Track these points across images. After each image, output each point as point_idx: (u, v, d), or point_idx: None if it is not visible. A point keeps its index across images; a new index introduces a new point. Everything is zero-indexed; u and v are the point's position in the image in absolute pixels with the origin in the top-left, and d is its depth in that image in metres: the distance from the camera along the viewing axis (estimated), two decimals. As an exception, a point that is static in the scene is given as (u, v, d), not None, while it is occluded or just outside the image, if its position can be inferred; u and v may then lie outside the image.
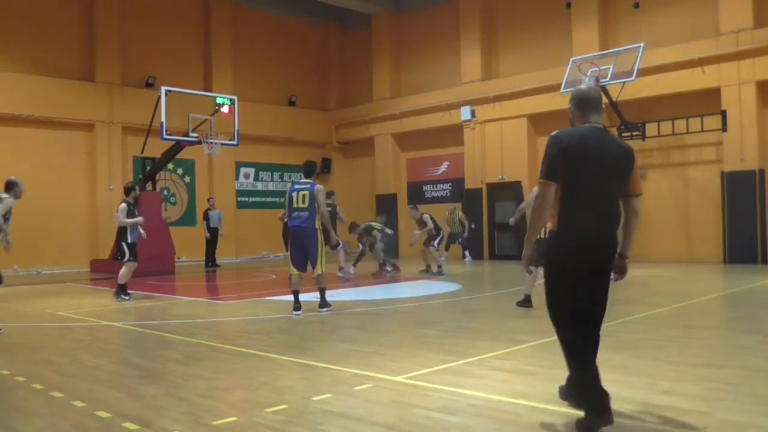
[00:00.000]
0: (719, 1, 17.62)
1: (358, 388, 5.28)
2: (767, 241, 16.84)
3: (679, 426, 4.16)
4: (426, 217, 16.73)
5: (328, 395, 5.05)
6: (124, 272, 12.32)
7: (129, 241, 12.40)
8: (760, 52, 16.78)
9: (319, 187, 9.78)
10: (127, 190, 13.07)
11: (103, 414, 4.71)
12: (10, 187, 9.58)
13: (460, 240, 20.67)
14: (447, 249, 20.63)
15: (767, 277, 13.79)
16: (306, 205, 9.66)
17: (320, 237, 9.71)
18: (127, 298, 12.18)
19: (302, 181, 9.93)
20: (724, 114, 17.24)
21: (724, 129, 17.23)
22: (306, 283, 10.54)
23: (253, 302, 11.65)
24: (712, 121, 17.46)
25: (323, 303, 9.93)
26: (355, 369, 5.90)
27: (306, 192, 9.70)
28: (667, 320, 8.64)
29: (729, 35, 17.23)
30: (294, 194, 9.75)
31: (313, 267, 9.83)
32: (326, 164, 27.22)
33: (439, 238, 16.92)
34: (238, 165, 24.86)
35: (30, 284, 16.06)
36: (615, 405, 4.59)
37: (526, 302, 9.79)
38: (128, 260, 12.33)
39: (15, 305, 11.82)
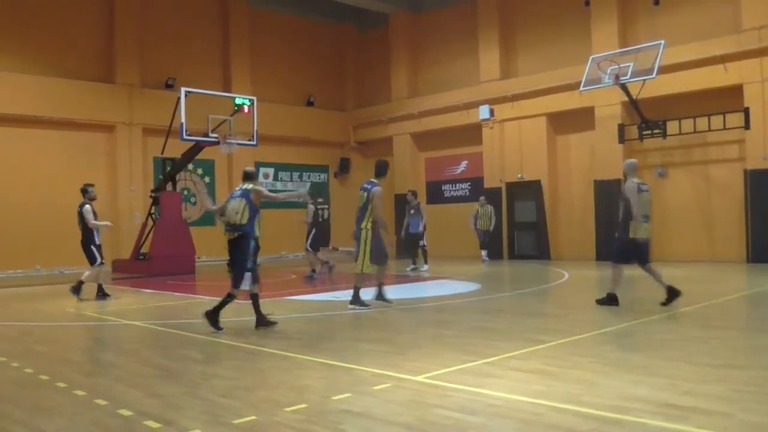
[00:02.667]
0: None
1: (377, 387, 5.28)
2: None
3: (700, 427, 4.11)
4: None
5: (348, 395, 5.06)
6: (91, 275, 12.27)
7: (97, 243, 12.38)
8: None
9: (376, 189, 9.97)
10: (83, 192, 12.76)
11: (125, 412, 4.75)
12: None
13: (487, 238, 20.27)
14: (483, 247, 20.36)
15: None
16: (362, 204, 10.01)
17: (366, 237, 9.92)
18: (110, 297, 12.22)
19: (368, 181, 10.23)
20: (746, 111, 17.01)
21: (746, 126, 17.01)
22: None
23: (273, 302, 11.67)
24: (735, 119, 17.24)
25: (354, 299, 10.06)
26: (375, 368, 5.90)
27: (365, 193, 10.03)
28: (688, 320, 8.56)
29: (751, 31, 17.00)
30: (360, 194, 10.15)
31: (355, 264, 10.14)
32: (344, 164, 27.27)
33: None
34: (258, 165, 24.94)
35: (53, 284, 16.24)
36: (636, 405, 4.57)
37: (610, 300, 9.68)
38: (100, 263, 12.36)
39: (38, 305, 11.95)
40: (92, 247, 12.33)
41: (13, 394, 5.46)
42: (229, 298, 8.38)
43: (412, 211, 17.72)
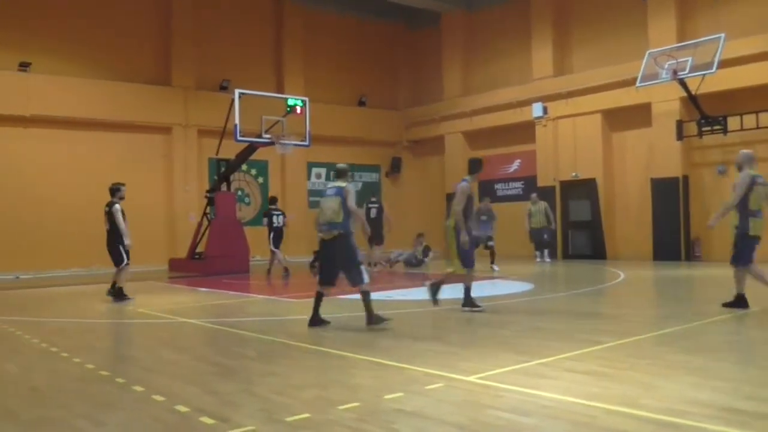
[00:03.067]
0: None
1: (429, 387, 5.26)
2: None
3: (764, 432, 3.99)
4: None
5: (400, 394, 5.06)
6: (122, 277, 12.14)
7: (126, 242, 12.14)
8: None
9: (460, 184, 9.79)
10: (113, 191, 12.31)
11: (182, 408, 4.84)
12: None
13: (546, 236, 19.99)
14: (537, 248, 20.07)
15: None
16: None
17: (449, 235, 9.73)
18: (131, 299, 12.06)
19: (463, 178, 10.03)
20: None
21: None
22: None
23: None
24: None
25: (466, 301, 9.76)
26: (427, 368, 5.89)
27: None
28: (752, 322, 8.31)
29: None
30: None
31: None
32: (396, 163, 27.30)
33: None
34: (310, 165, 25.18)
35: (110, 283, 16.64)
36: (695, 409, 4.45)
37: (740, 303, 9.02)
38: (126, 264, 12.20)
39: (98, 303, 12.28)
40: (120, 247, 12.17)
41: (75, 389, 5.63)
42: (365, 296, 8.35)
43: (484, 218, 17.60)
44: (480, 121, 24.27)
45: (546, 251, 20.22)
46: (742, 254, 9.03)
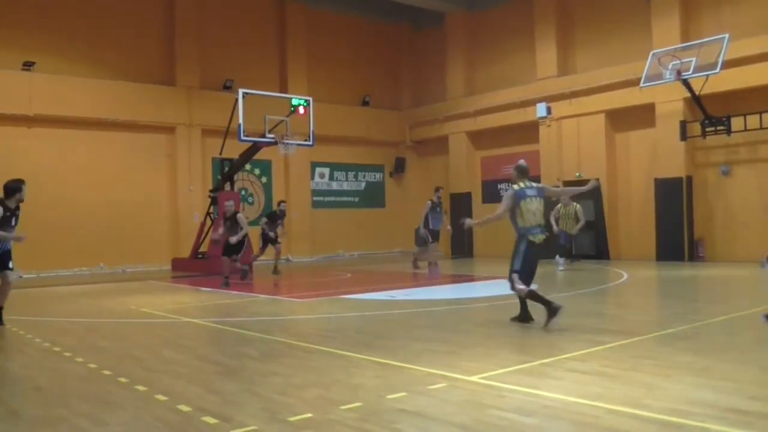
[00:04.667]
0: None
1: (432, 387, 5.26)
2: None
3: (767, 433, 3.98)
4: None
5: (403, 394, 5.06)
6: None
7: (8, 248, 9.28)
8: None
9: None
10: (9, 190, 8.96)
11: (184, 408, 4.85)
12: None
13: (563, 240, 17.38)
14: (562, 253, 17.45)
15: None
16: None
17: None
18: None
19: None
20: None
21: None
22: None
23: (329, 300, 11.77)
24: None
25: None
26: (430, 368, 5.88)
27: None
28: (753, 322, 8.28)
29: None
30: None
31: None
32: (400, 164, 27.29)
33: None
34: (314, 165, 25.19)
35: (116, 282, 16.70)
36: (698, 409, 4.44)
37: None
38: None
39: (102, 302, 12.30)
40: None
41: (78, 388, 5.63)
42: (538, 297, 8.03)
43: (438, 209, 17.57)
44: (484, 121, 24.25)
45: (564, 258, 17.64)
46: None
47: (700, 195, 18.73)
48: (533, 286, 8.46)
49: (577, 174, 21.27)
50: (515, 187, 8.49)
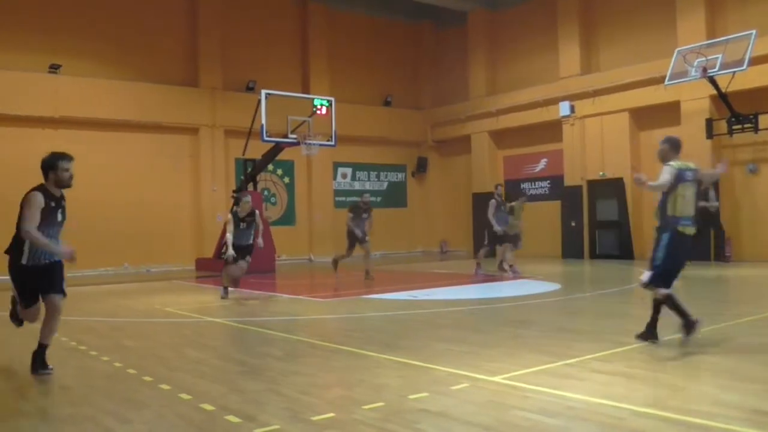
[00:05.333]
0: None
1: (455, 387, 5.25)
2: None
3: (796, 435, 3.91)
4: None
5: (425, 394, 5.05)
6: None
7: None
8: None
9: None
10: (46, 168, 6.53)
11: (208, 407, 4.88)
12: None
13: None
14: None
15: None
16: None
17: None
18: None
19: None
20: None
21: None
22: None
23: (351, 300, 11.79)
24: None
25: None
26: (452, 368, 5.87)
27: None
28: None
29: None
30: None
31: None
32: (422, 163, 27.27)
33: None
34: (336, 165, 25.25)
35: (140, 281, 16.86)
36: (723, 411, 4.38)
37: None
38: None
39: (126, 301, 12.43)
40: None
41: (103, 387, 5.69)
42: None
43: (365, 215, 16.24)
44: (506, 121, 24.14)
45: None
46: None
47: (727, 193, 18.49)
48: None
49: (601, 173, 21.12)
50: (673, 164, 6.94)
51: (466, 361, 6.20)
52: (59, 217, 6.28)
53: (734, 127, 17.62)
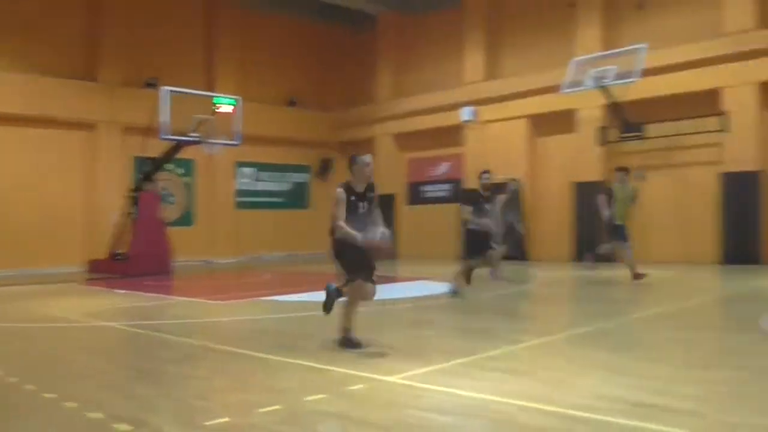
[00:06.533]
0: (723, 2, 17.59)
1: (352, 388, 5.26)
2: (766, 242, 16.82)
3: (671, 425, 4.14)
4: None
5: (323, 395, 5.04)
6: None
7: None
8: (763, 54, 16.72)
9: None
10: None
11: (95, 415, 4.69)
12: None
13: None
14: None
15: (764, 278, 13.77)
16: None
17: None
18: None
19: None
20: (724, 115, 17.19)
21: (724, 130, 17.17)
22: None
23: (250, 303, 11.64)
24: (713, 123, 17.40)
25: None
26: (350, 369, 5.88)
27: None
28: (664, 321, 8.62)
29: (731, 36, 17.17)
30: None
31: None
32: (326, 165, 27.19)
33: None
34: (239, 165, 24.84)
35: (28, 284, 16.06)
36: (605, 404, 4.59)
37: None
38: None
39: (12, 305, 11.82)
40: None
41: (-18, 396, 5.39)
42: None
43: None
44: (411, 124, 24.45)
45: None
46: None
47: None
48: None
49: (500, 177, 21.64)
50: None
51: (364, 361, 6.24)
52: None
53: (625, 135, 18.50)
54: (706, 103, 17.52)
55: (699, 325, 8.51)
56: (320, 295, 9.84)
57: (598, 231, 18.98)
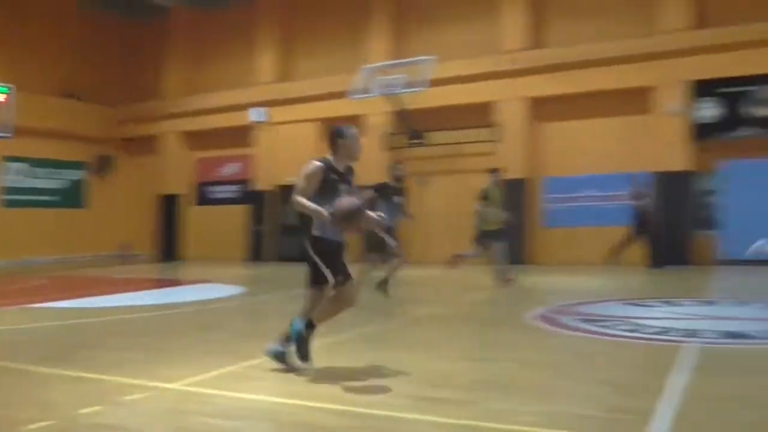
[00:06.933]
0: (501, 22, 19.14)
1: (130, 397, 4.99)
2: (526, 245, 18.44)
3: (450, 416, 4.38)
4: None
5: (98, 407, 4.72)
6: None
7: None
8: (532, 72, 18.35)
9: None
10: None
11: None
12: None
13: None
14: None
15: (529, 276, 15.04)
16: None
17: None
18: None
19: None
20: (497, 126, 18.69)
21: (496, 140, 18.66)
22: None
23: (19, 310, 10.65)
24: (489, 133, 18.83)
25: None
26: (129, 378, 5.58)
27: None
28: (446, 319, 9.14)
29: (506, 54, 18.71)
30: None
31: None
32: (106, 161, 25.59)
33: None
34: (7, 160, 22.65)
35: None
36: (391, 400, 4.77)
37: None
38: None
39: None
40: None
41: None
42: None
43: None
44: (201, 122, 23.79)
45: None
46: None
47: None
48: None
49: (289, 179, 21.75)
50: None
51: (144, 369, 5.94)
52: None
53: (410, 141, 19.47)
54: (483, 114, 18.94)
55: (475, 321, 9.11)
56: (104, 300, 9.25)
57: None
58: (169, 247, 24.15)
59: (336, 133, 5.99)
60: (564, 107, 18.50)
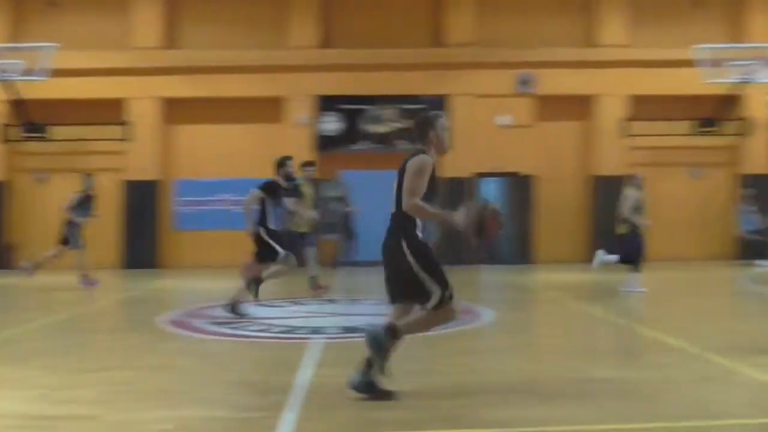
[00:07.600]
0: (133, 18, 18.39)
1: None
2: (157, 248, 18.12)
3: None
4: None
5: None
6: None
7: None
8: (165, 71, 18.03)
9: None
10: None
11: None
12: None
13: None
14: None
15: (161, 280, 14.86)
16: None
17: None
18: None
19: None
20: (128, 125, 18.01)
21: (127, 139, 17.97)
22: None
23: None
24: (120, 131, 18.03)
25: None
26: None
27: None
28: (66, 326, 8.64)
29: (138, 51, 18.07)
30: None
31: None
32: None
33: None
34: None
35: None
36: (10, 422, 4.37)
37: None
38: None
39: None
40: None
41: None
42: None
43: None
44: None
45: None
46: None
47: (18, 200, 18.34)
48: None
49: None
50: None
51: None
52: None
53: (27, 134, 17.79)
54: (113, 111, 18.09)
55: (99, 329, 8.75)
56: None
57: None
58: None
59: (424, 121, 4.87)
60: (198, 110, 18.51)
